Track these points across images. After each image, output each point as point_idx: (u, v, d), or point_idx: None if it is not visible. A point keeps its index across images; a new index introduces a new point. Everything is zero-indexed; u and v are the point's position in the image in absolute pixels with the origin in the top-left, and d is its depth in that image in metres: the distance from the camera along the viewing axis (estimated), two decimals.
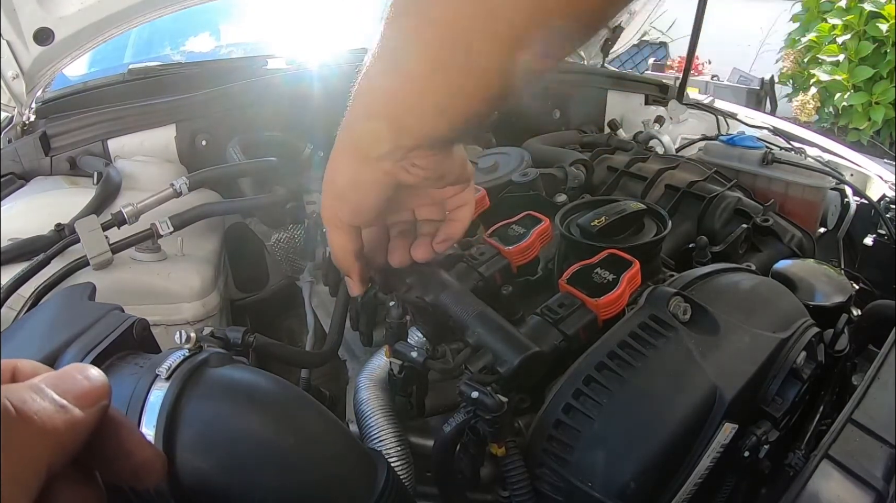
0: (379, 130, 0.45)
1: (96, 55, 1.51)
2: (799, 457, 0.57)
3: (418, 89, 0.42)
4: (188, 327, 0.55)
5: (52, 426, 0.26)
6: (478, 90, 0.41)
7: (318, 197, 1.06)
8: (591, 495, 0.48)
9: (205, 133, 1.21)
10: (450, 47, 0.39)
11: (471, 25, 0.38)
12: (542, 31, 0.37)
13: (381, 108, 0.45)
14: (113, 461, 0.30)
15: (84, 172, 1.10)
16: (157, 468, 0.32)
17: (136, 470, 0.31)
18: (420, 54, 0.41)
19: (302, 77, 1.32)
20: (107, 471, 0.31)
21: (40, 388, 0.27)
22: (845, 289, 0.78)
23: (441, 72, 0.40)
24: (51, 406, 0.26)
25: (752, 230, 1.01)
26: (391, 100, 0.44)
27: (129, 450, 0.31)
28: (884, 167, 1.37)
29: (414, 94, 0.43)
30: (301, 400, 0.45)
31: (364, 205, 0.51)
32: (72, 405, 0.27)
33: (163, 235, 0.91)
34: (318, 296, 1.04)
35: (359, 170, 0.49)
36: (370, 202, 0.51)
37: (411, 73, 0.42)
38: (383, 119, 0.45)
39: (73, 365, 0.30)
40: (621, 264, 0.63)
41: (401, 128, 0.45)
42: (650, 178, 1.14)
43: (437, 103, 0.42)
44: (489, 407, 0.49)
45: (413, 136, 0.45)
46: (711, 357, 0.54)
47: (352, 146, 0.49)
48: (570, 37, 0.40)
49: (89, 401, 0.28)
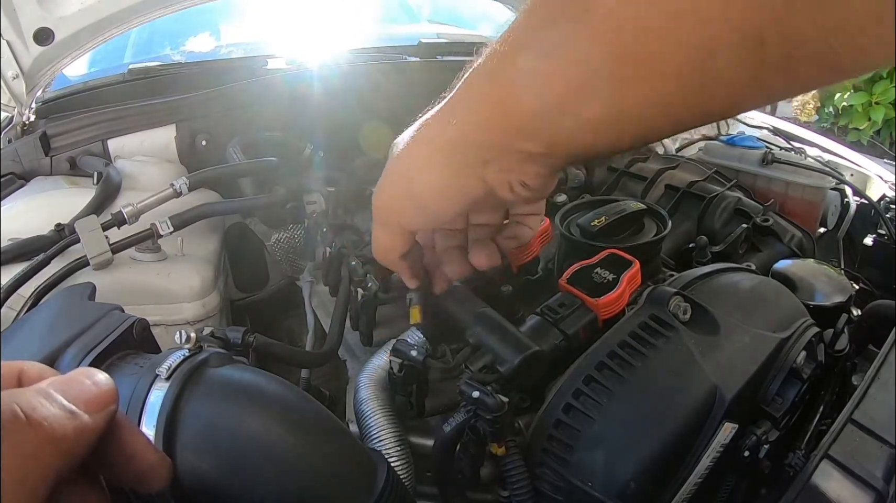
0: (520, 132, 0.37)
1: (96, 55, 1.51)
2: (799, 457, 0.57)
3: (596, 94, 0.34)
4: (188, 327, 0.55)
5: (62, 432, 0.26)
6: (662, 109, 0.33)
7: (319, 197, 1.07)
8: (591, 495, 0.48)
9: (205, 133, 1.21)
10: (643, 51, 0.31)
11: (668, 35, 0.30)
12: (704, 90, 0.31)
13: (526, 106, 0.36)
14: (118, 465, 0.30)
15: (84, 172, 1.10)
16: (162, 472, 0.32)
17: (142, 474, 0.31)
18: (603, 54, 0.32)
19: (302, 77, 1.32)
20: (112, 475, 0.31)
21: (49, 394, 0.27)
22: (845, 290, 0.78)
23: (633, 81, 0.32)
24: (60, 412, 0.26)
25: (752, 230, 1.01)
26: (545, 98, 0.35)
27: (134, 455, 0.31)
28: (884, 167, 1.37)
29: (586, 98, 0.34)
30: (301, 400, 0.45)
31: (444, 214, 0.45)
32: (80, 411, 0.27)
33: (163, 235, 0.91)
34: (318, 296, 1.04)
35: (453, 175, 0.42)
36: (452, 212, 0.45)
37: (589, 71, 0.33)
38: (527, 120, 0.37)
39: (81, 369, 0.30)
40: (621, 264, 0.63)
41: (552, 135, 0.37)
42: (650, 178, 1.14)
43: (614, 115, 0.34)
44: (490, 407, 0.49)
45: (563, 146, 0.38)
46: (711, 357, 0.54)
47: (449, 147, 0.41)
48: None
49: (97, 406, 0.28)
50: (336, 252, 0.88)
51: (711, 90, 0.31)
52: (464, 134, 0.40)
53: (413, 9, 2.38)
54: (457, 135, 0.40)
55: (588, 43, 0.33)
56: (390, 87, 1.32)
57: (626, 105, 0.34)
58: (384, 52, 1.54)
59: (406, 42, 1.65)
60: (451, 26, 2.17)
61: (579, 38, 0.33)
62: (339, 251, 0.88)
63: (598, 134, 0.36)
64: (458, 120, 0.40)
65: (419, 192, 0.43)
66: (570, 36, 0.33)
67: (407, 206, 0.45)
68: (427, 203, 0.44)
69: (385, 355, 0.67)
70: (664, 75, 0.31)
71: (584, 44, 0.33)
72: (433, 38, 1.69)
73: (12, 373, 0.29)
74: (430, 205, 0.44)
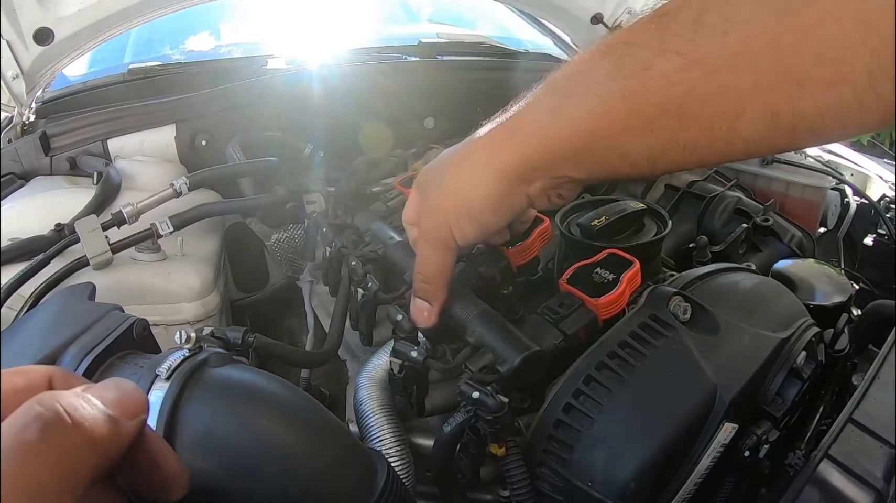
0: (572, 151, 0.44)
1: (96, 55, 1.51)
2: (799, 457, 0.57)
3: (641, 136, 0.40)
4: (188, 327, 0.55)
5: (102, 435, 0.26)
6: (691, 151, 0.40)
7: (319, 197, 1.07)
8: (591, 495, 0.48)
9: (205, 133, 1.21)
10: (687, 107, 0.38)
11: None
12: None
13: (578, 142, 0.43)
14: (143, 473, 0.31)
15: (84, 172, 1.10)
16: (182, 482, 0.32)
17: (164, 483, 0.31)
18: (652, 105, 0.39)
19: (302, 77, 1.32)
20: (133, 482, 0.31)
21: (88, 398, 0.27)
22: (845, 289, 0.78)
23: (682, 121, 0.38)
24: (101, 415, 0.27)
25: (752, 230, 1.01)
26: (595, 137, 0.42)
27: (159, 464, 0.31)
28: (884, 167, 1.37)
29: (631, 138, 0.41)
30: (301, 400, 0.45)
31: (496, 225, 0.50)
32: (118, 416, 0.27)
33: (163, 235, 0.91)
34: (318, 296, 1.04)
35: (505, 192, 0.47)
36: (503, 223, 0.50)
37: (638, 118, 0.40)
38: (577, 152, 0.43)
39: (113, 379, 0.30)
40: (621, 264, 0.63)
41: (596, 166, 0.44)
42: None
43: (652, 153, 0.41)
44: (490, 407, 0.49)
45: (603, 174, 0.46)
46: (712, 357, 0.54)
47: (504, 168, 0.46)
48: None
49: (132, 413, 0.28)
50: (336, 252, 0.88)
51: (732, 142, 0.37)
52: (521, 159, 0.45)
53: (413, 9, 2.38)
54: (514, 160, 0.46)
55: (640, 95, 0.39)
56: (390, 87, 1.32)
57: (663, 147, 0.40)
58: (384, 52, 1.54)
59: (406, 42, 1.64)
60: (450, 26, 2.17)
61: (632, 90, 0.39)
62: (339, 251, 0.88)
63: (636, 167, 0.42)
64: (517, 146, 0.45)
65: (477, 209, 0.48)
66: (626, 85, 0.39)
67: (464, 222, 0.49)
68: (482, 217, 0.48)
69: (385, 355, 0.67)
70: (700, 127, 0.38)
71: (637, 95, 0.39)
72: (433, 38, 1.68)
73: (43, 378, 0.29)
74: (485, 218, 0.48)
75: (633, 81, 0.39)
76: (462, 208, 0.48)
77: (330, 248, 0.91)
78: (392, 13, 2.31)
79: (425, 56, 1.51)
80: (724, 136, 0.37)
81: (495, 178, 0.46)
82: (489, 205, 0.48)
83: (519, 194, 0.47)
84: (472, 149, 0.49)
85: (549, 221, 0.72)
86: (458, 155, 0.50)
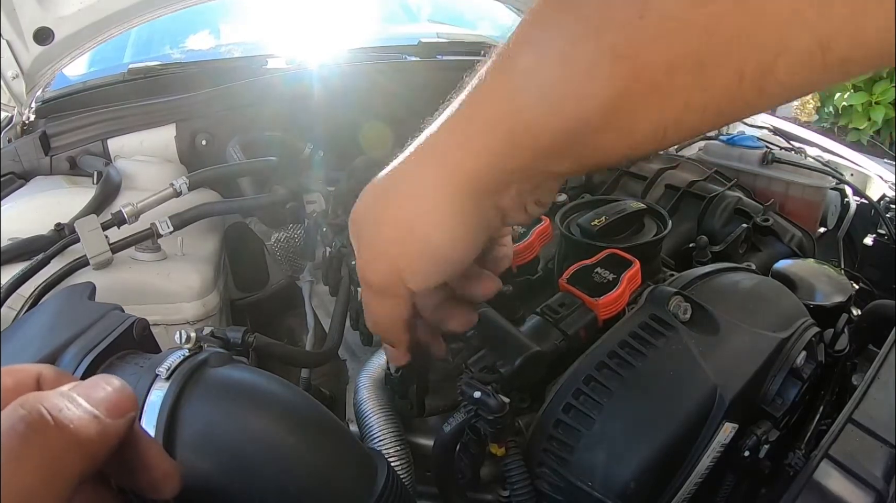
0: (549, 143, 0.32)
1: (96, 55, 1.51)
2: (799, 457, 0.57)
3: (648, 105, 0.29)
4: (188, 327, 0.55)
5: (87, 435, 0.26)
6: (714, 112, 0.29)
7: (319, 197, 1.07)
8: (591, 495, 0.48)
9: (205, 133, 1.21)
10: (706, 56, 0.27)
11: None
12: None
13: (560, 125, 0.31)
14: (134, 471, 0.30)
15: (84, 172, 1.10)
16: (174, 481, 0.32)
17: (155, 482, 0.31)
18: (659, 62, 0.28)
19: (302, 77, 1.32)
20: (124, 480, 0.31)
21: (73, 397, 0.27)
22: (845, 289, 0.78)
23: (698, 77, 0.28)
24: (85, 415, 0.26)
25: (752, 230, 1.01)
26: (584, 115, 0.30)
27: (149, 463, 0.31)
28: (884, 167, 1.37)
29: (635, 110, 0.30)
30: (301, 400, 0.45)
31: (464, 262, 0.38)
32: (104, 415, 0.27)
33: (163, 235, 0.91)
34: (318, 296, 1.04)
35: (472, 214, 0.35)
36: (472, 256, 0.38)
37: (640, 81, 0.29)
38: (560, 138, 0.31)
39: (101, 376, 0.30)
40: (621, 264, 0.63)
41: (587, 151, 0.32)
42: (650, 178, 1.14)
43: (663, 124, 0.30)
44: (491, 407, 0.49)
45: (596, 161, 0.33)
46: (711, 356, 0.54)
47: (467, 182, 0.34)
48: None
49: (119, 412, 0.28)
50: (336, 252, 0.88)
51: (768, 91, 0.28)
52: (486, 165, 0.34)
53: (413, 9, 2.38)
54: (476, 167, 0.34)
55: (642, 50, 0.28)
56: (390, 87, 1.32)
57: (677, 113, 0.30)
58: (384, 51, 1.54)
59: (406, 42, 1.64)
60: (451, 26, 2.17)
61: (632, 45, 0.28)
62: (339, 251, 0.88)
63: (639, 145, 0.32)
64: (476, 148, 0.33)
65: (435, 244, 0.36)
66: (620, 44, 0.28)
67: (418, 265, 0.37)
68: (445, 255, 0.37)
69: (384, 355, 0.67)
70: (726, 80, 0.28)
71: (636, 51, 0.28)
72: (433, 38, 1.69)
73: (31, 376, 0.29)
74: (449, 255, 0.37)
75: (629, 31, 0.28)
76: (413, 249, 0.37)
77: (330, 248, 0.91)
78: (392, 13, 2.31)
79: (425, 56, 1.51)
80: (757, 86, 0.28)
81: (452, 195, 0.34)
82: (457, 237, 0.36)
83: (488, 209, 0.36)
84: (413, 163, 0.36)
85: (548, 221, 0.72)
86: (395, 176, 0.37)
